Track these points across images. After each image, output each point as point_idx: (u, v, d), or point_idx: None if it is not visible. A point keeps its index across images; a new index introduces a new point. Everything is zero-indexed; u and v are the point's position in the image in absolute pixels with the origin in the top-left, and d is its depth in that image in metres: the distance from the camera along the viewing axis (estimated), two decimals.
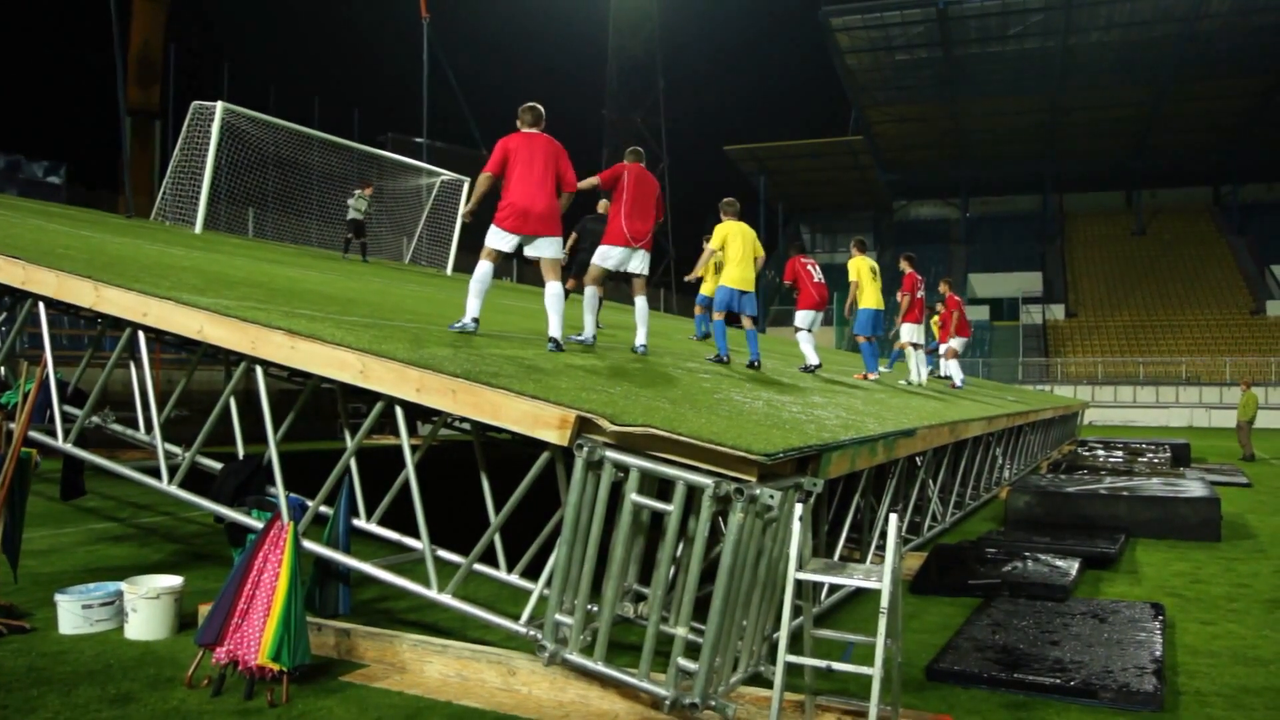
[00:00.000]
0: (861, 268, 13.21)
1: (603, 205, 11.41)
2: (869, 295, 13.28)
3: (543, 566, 5.34)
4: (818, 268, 12.66)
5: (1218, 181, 62.21)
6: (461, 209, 13.23)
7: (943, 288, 17.32)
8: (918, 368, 14.71)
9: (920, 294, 14.82)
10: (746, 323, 10.37)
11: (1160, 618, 6.80)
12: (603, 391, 5.67)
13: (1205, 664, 6.04)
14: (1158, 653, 5.88)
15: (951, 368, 16.68)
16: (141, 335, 7.13)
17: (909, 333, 14.75)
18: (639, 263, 8.64)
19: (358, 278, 13.93)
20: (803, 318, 12.40)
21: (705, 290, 13.57)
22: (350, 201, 19.20)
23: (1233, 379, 41.63)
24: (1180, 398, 43.69)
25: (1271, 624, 7.08)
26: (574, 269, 11.12)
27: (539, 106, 7.66)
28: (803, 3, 54.14)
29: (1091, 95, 54.35)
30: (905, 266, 14.65)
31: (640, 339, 9.02)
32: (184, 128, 17.73)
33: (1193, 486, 12.19)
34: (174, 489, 6.86)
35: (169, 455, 7.14)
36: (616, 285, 10.11)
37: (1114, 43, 50.27)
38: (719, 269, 10.49)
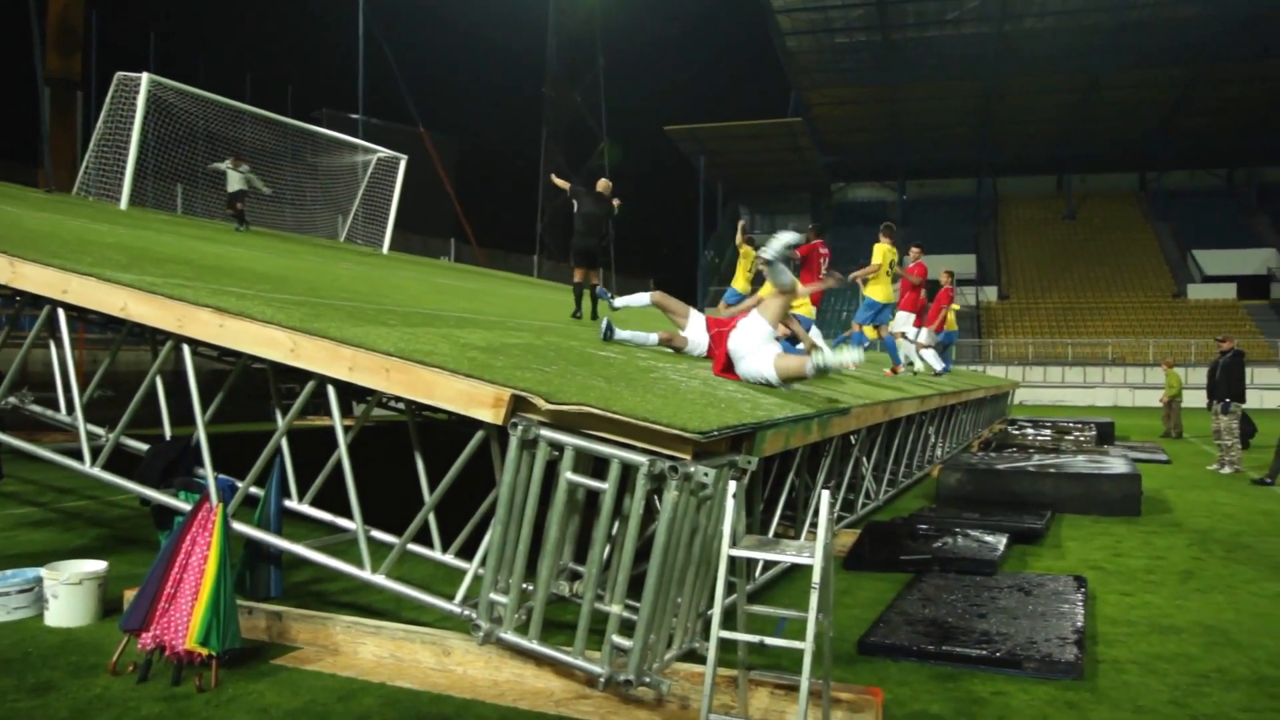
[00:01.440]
0: (886, 257, 13.10)
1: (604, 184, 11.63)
2: (882, 287, 13.19)
3: (478, 546, 5.31)
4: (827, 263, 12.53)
5: (1144, 168, 63.83)
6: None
7: (943, 277, 17.19)
8: (913, 356, 14.48)
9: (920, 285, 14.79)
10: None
11: (1082, 590, 6.99)
12: (538, 370, 5.64)
13: (1123, 633, 6.24)
14: (1079, 624, 6.05)
15: (909, 350, 16.06)
16: (62, 313, 6.92)
17: (903, 321, 14.64)
18: None
19: (290, 255, 13.68)
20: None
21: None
22: (244, 172, 18.11)
23: (1156, 360, 42.85)
24: (1106, 378, 44.89)
25: (1184, 594, 7.34)
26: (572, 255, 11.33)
27: None
28: None
29: (1025, 82, 55.34)
30: (917, 255, 14.66)
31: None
32: (108, 99, 17.16)
33: (1115, 464, 12.54)
34: (97, 471, 6.69)
35: (92, 437, 6.95)
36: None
37: (1047, 30, 51.20)
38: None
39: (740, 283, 13.80)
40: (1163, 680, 5.31)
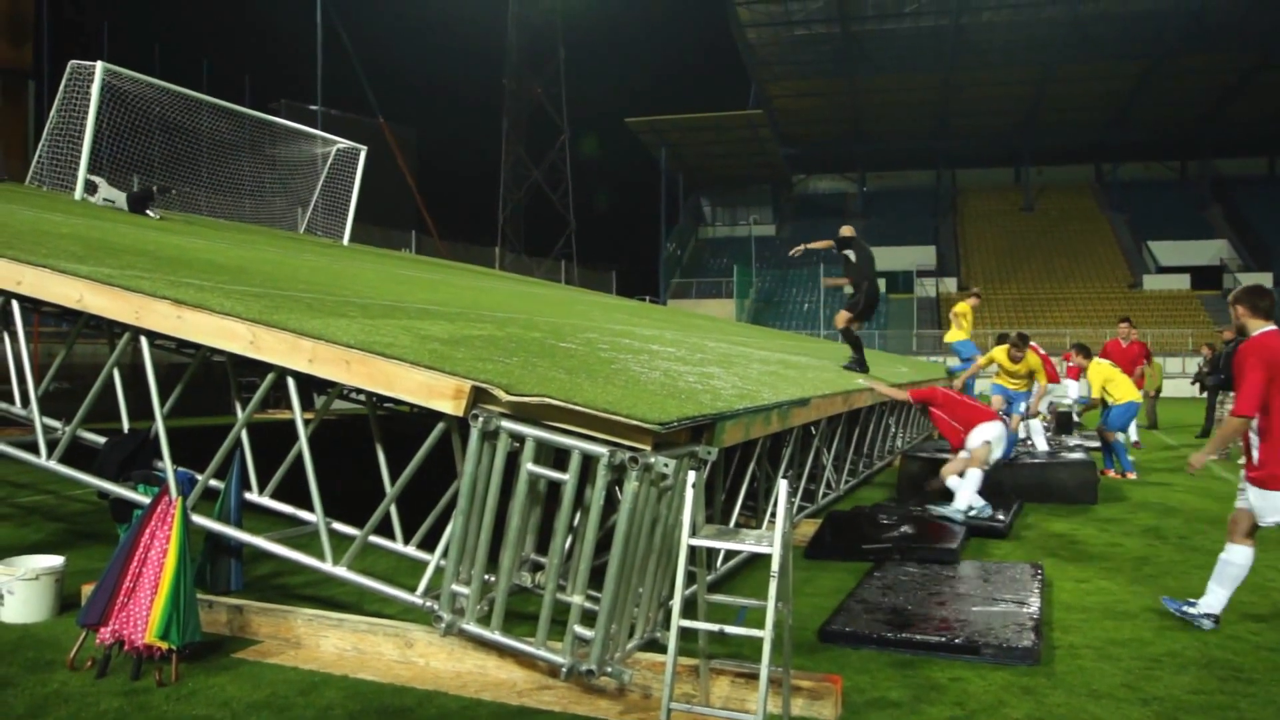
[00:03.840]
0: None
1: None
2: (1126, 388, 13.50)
3: (440, 538, 5.31)
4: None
5: (1099, 160, 64.77)
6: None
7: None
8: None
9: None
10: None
11: (1039, 577, 7.11)
12: (499, 361, 5.65)
13: (1078, 619, 6.36)
14: (1036, 610, 6.16)
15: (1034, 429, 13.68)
16: (16, 306, 6.83)
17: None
18: None
19: (249, 247, 13.52)
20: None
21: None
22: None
23: None
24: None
25: (1139, 580, 7.49)
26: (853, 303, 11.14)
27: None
28: None
29: (982, 74, 55.90)
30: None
31: None
32: (61, 88, 16.82)
33: (1073, 453, 12.74)
34: (54, 464, 6.60)
35: (48, 429, 6.85)
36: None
37: (1003, 23, 51.74)
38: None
39: (965, 334, 16.26)
40: (1116, 664, 5.43)
